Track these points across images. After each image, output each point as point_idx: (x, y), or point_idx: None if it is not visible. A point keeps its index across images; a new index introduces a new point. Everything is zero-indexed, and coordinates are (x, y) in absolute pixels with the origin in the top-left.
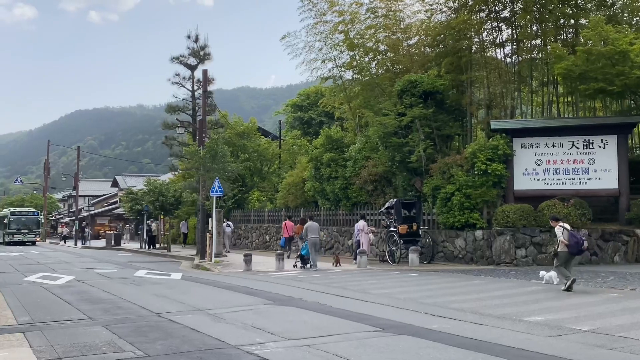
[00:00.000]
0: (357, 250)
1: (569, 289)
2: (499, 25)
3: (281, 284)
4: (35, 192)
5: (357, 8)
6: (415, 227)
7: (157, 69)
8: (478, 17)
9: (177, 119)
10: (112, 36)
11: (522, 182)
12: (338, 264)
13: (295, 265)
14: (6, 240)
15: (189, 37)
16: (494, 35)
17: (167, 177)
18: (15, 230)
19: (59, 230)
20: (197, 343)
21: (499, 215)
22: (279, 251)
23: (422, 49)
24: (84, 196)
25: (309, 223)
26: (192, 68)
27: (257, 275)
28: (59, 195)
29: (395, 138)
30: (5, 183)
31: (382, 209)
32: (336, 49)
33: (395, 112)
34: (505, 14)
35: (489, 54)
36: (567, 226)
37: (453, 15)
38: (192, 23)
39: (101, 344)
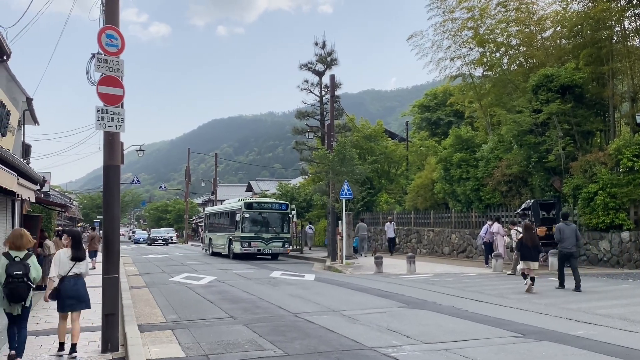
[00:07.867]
0: (492, 254)
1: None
2: None
3: (413, 286)
4: (177, 197)
5: (487, 3)
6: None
7: (284, 77)
8: (618, 5)
9: (306, 124)
10: (241, 48)
11: None
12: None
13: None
14: (235, 250)
15: (316, 43)
16: (637, 23)
17: (297, 181)
18: (252, 235)
19: (200, 233)
20: (334, 344)
21: None
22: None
23: (558, 41)
24: (222, 200)
25: (360, 224)
26: (319, 74)
27: (388, 277)
28: (199, 200)
29: (530, 136)
30: (150, 189)
31: (518, 210)
32: (465, 46)
33: (530, 108)
34: None
35: (631, 43)
36: (520, 229)
37: (591, 5)
38: (313, 31)
39: (243, 342)
